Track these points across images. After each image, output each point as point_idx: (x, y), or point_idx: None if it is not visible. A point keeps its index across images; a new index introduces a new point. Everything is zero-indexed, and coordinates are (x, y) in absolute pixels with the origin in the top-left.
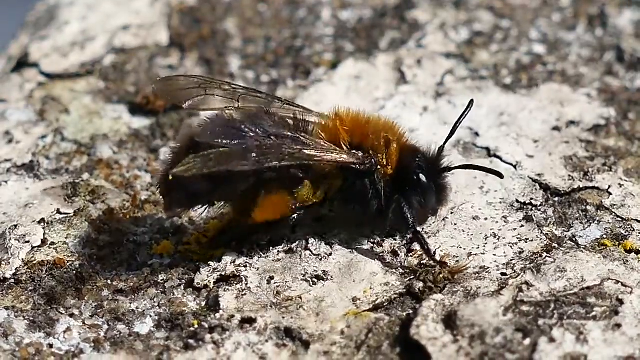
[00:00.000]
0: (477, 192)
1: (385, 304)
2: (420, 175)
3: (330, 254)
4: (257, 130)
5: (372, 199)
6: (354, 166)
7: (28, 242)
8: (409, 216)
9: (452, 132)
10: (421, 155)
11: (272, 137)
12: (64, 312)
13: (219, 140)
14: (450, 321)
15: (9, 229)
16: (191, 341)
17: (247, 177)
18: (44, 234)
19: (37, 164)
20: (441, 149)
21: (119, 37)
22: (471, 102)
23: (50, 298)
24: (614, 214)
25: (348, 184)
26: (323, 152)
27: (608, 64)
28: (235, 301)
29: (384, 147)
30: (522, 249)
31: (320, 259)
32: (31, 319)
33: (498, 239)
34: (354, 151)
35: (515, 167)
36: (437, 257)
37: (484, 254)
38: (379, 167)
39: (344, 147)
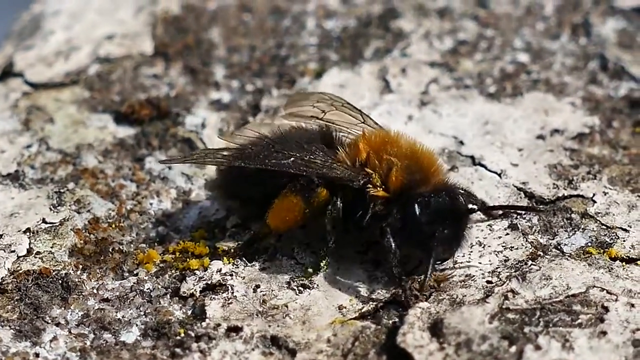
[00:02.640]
0: None
1: (371, 312)
2: (416, 207)
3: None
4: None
5: (361, 216)
6: (344, 182)
7: (14, 251)
8: (391, 246)
9: (500, 209)
10: (441, 196)
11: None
12: (50, 321)
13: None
14: (436, 329)
15: None
16: (178, 350)
17: (262, 179)
18: (30, 244)
19: (22, 173)
20: (483, 205)
21: (104, 46)
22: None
23: (36, 307)
24: (598, 221)
25: (351, 198)
26: (311, 165)
27: (592, 73)
28: (222, 310)
29: (384, 168)
30: (507, 257)
31: (306, 268)
32: (17, 328)
33: (483, 247)
34: (352, 169)
35: (500, 175)
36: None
37: (469, 262)
38: (369, 186)
39: (356, 165)
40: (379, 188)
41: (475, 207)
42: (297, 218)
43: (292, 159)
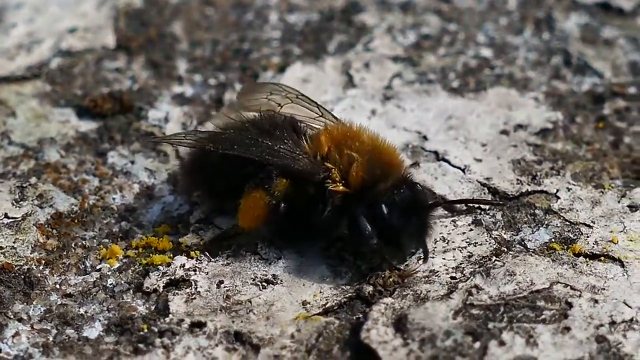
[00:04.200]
0: None
1: (335, 308)
2: (383, 206)
3: (280, 258)
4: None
5: (319, 210)
6: (304, 174)
7: None
8: (364, 231)
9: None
10: (403, 191)
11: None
12: (12, 316)
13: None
14: (400, 325)
15: None
16: (141, 345)
17: (228, 167)
18: None
19: None
20: (444, 200)
21: (66, 40)
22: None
23: None
24: (562, 217)
25: (312, 191)
26: (277, 154)
27: (555, 68)
28: (185, 305)
29: (345, 164)
30: (471, 252)
31: (270, 263)
32: None
33: (447, 242)
34: (314, 162)
35: (463, 170)
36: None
37: (433, 257)
38: (329, 180)
39: (317, 159)
40: (338, 183)
41: (437, 201)
42: (264, 212)
43: (259, 147)
